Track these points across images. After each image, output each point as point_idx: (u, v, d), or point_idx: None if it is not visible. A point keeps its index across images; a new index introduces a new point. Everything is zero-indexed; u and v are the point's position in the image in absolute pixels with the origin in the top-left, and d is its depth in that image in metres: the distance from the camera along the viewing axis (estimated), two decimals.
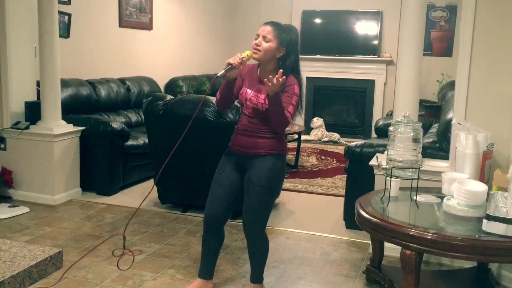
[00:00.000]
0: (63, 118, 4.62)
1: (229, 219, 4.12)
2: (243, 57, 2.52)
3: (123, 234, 2.11)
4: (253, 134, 2.63)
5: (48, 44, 4.42)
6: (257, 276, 2.87)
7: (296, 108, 2.62)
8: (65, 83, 4.98)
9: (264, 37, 2.58)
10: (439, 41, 7.92)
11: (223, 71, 2.51)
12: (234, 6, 9.05)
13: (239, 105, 2.79)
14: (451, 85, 5.26)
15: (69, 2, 5.44)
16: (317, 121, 7.96)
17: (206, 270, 2.88)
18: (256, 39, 2.61)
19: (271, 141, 2.63)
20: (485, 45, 3.22)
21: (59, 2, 4.80)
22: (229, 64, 2.50)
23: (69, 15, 5.44)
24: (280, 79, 2.40)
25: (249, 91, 2.63)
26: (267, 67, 2.64)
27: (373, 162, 3.43)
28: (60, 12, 4.94)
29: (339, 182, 5.43)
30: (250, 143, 2.63)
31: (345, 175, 4.18)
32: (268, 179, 2.62)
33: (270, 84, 2.40)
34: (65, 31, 5.41)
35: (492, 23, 3.20)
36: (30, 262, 1.14)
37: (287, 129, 6.15)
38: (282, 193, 4.69)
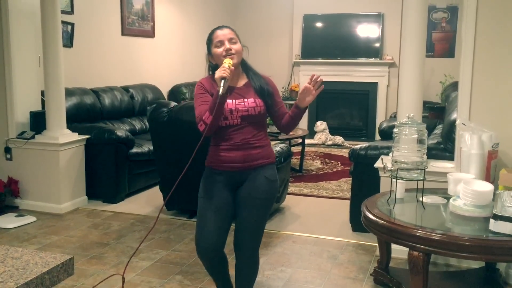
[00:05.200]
0: (68, 127, 4.65)
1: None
2: (229, 67, 2.30)
3: (123, 275, 2.08)
4: (247, 146, 2.40)
5: (52, 54, 4.45)
6: None
7: None
8: (69, 92, 5.01)
9: (230, 40, 2.41)
10: (441, 42, 7.92)
11: (222, 87, 2.24)
12: (235, 12, 9.08)
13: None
14: (454, 85, 5.26)
15: (72, 12, 5.48)
16: (320, 125, 7.97)
17: None
18: (220, 47, 2.40)
19: (265, 150, 2.46)
20: (487, 45, 3.22)
21: (62, 12, 4.83)
22: (223, 78, 2.25)
23: (72, 25, 5.48)
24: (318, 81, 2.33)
25: (229, 101, 2.37)
26: (236, 72, 2.42)
27: (378, 164, 3.44)
28: (63, 22, 4.97)
29: (344, 185, 5.43)
30: (245, 156, 2.40)
31: (350, 178, 4.18)
32: (267, 191, 2.45)
33: (311, 93, 2.34)
34: (69, 41, 5.44)
35: (494, 23, 3.20)
36: (42, 269, 1.15)
37: (291, 132, 6.15)
38: (288, 197, 4.70)
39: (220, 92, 2.23)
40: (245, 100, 2.41)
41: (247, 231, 2.46)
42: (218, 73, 2.27)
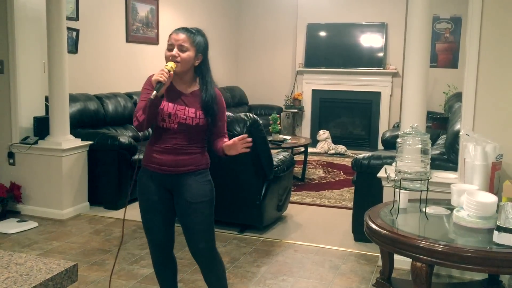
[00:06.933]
0: (71, 133, 4.66)
1: (237, 233, 4.14)
2: (169, 71, 2.32)
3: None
4: (178, 151, 2.40)
5: (56, 60, 4.47)
6: None
7: None
8: (73, 98, 5.02)
9: (180, 47, 2.36)
10: (444, 53, 7.94)
11: (155, 91, 2.27)
12: (240, 20, 9.12)
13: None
14: (457, 96, 5.27)
15: (77, 18, 5.51)
16: (323, 134, 7.97)
17: None
18: (170, 50, 2.38)
19: (197, 157, 2.44)
20: (491, 56, 3.22)
21: (67, 18, 4.86)
22: (158, 81, 2.28)
23: (77, 31, 5.50)
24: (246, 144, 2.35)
25: (171, 105, 2.38)
26: (185, 78, 2.43)
27: (381, 174, 3.43)
28: (68, 28, 5.00)
29: (347, 194, 5.42)
30: (175, 161, 2.40)
31: (353, 187, 4.17)
32: (204, 193, 2.44)
33: (236, 150, 2.36)
34: (73, 47, 5.46)
35: (498, 34, 3.21)
36: (46, 275, 1.15)
37: (293, 141, 6.12)
38: (290, 206, 4.69)
39: (152, 96, 2.26)
40: (187, 108, 2.39)
41: (196, 236, 2.47)
42: (155, 75, 2.30)
